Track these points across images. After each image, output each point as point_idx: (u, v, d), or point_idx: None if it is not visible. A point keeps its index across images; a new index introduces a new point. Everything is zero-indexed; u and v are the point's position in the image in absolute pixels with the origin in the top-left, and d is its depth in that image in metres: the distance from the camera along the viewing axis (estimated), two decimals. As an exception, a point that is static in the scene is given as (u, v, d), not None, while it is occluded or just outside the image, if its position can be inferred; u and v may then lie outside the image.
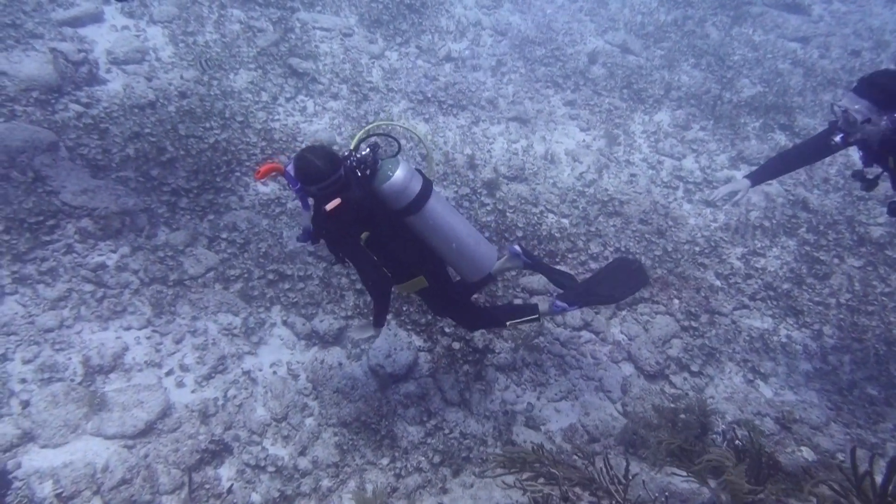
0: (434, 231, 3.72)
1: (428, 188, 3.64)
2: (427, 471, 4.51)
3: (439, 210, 3.69)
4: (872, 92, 3.56)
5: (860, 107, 3.59)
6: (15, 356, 4.75)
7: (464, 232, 3.80)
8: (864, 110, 3.59)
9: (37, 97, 6.76)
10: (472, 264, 3.90)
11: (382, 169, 3.57)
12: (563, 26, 11.37)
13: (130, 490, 4.08)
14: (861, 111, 3.59)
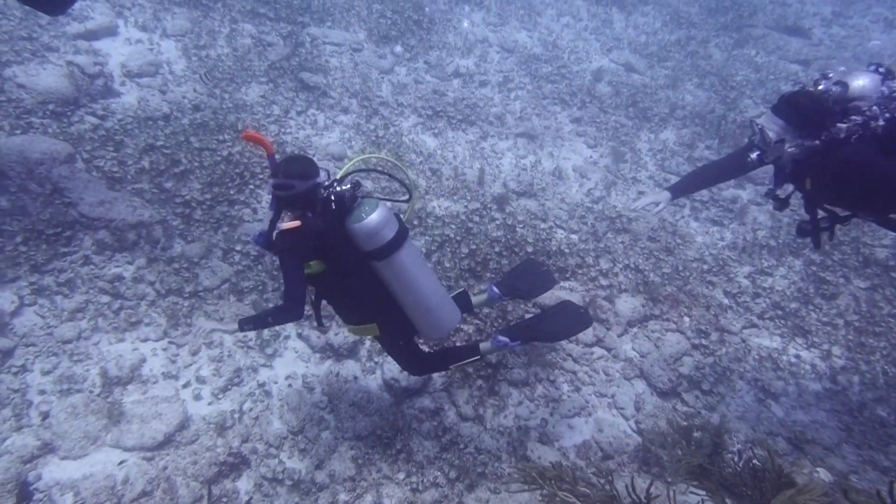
0: (398, 282, 3.65)
1: (401, 237, 3.57)
2: (443, 486, 4.55)
3: (408, 263, 3.61)
4: (789, 112, 3.55)
5: (776, 127, 3.59)
6: (34, 367, 4.77)
7: (429, 289, 3.72)
8: (778, 130, 3.58)
9: (53, 109, 6.82)
10: (431, 324, 3.82)
11: (360, 207, 3.50)
12: (569, 44, 11.53)
13: (151, 502, 4.09)
14: (776, 131, 3.59)
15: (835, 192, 3.70)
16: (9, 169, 5.85)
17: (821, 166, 3.57)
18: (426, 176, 7.78)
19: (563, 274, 6.51)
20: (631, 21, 12.69)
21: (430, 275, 3.78)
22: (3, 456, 4.18)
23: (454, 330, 4.35)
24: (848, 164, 3.47)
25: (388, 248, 3.52)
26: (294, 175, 3.43)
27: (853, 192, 3.64)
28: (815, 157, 3.57)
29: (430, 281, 3.74)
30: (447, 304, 3.87)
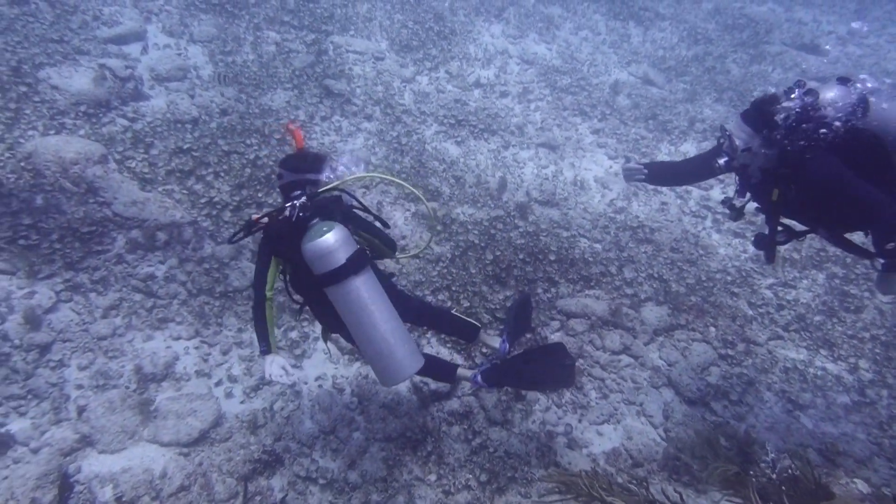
0: (348, 314, 3.36)
1: (357, 265, 3.29)
2: (475, 489, 4.56)
3: (360, 295, 3.31)
4: (757, 120, 3.44)
5: (743, 134, 3.49)
6: (71, 362, 4.82)
7: (384, 329, 3.36)
8: (746, 138, 3.48)
9: (85, 111, 6.92)
10: (381, 369, 3.46)
11: (317, 226, 3.33)
12: (588, 57, 11.64)
13: (189, 497, 4.12)
14: (743, 139, 3.49)
15: (799, 205, 3.61)
16: (44, 168, 5.93)
17: (789, 178, 3.49)
18: (449, 183, 7.84)
19: (588, 283, 6.55)
20: (648, 36, 12.79)
21: (390, 314, 3.42)
22: (44, 448, 4.22)
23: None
24: (816, 179, 3.40)
25: (336, 274, 3.25)
26: (286, 164, 3.61)
27: (817, 208, 3.54)
28: (783, 168, 3.48)
29: (387, 320, 3.38)
30: (406, 349, 3.44)
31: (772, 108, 3.40)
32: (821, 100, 3.40)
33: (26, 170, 5.88)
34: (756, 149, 3.47)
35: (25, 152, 6.00)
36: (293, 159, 3.63)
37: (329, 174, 3.62)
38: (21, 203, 5.56)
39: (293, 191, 3.54)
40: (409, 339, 3.53)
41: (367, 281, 3.37)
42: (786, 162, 3.46)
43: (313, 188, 3.60)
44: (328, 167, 3.64)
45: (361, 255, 3.38)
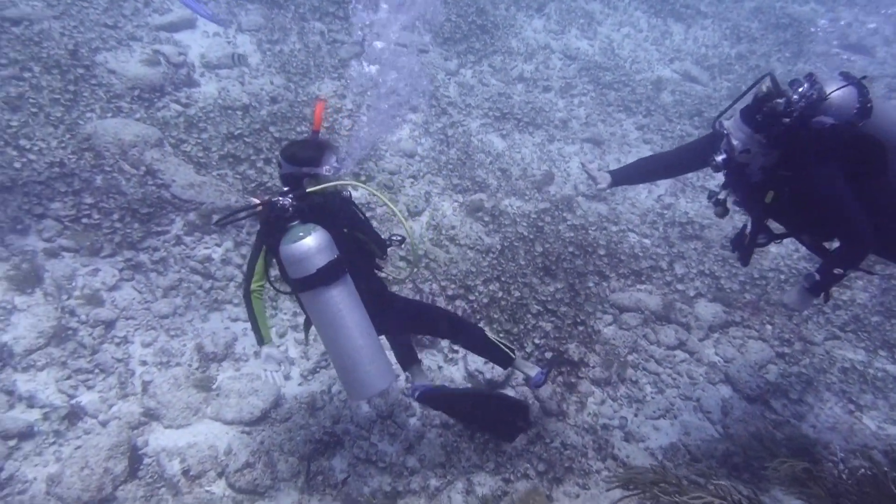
0: (316, 322, 3.29)
1: (330, 276, 3.12)
2: (533, 478, 4.54)
3: (332, 307, 3.18)
4: (757, 122, 3.22)
5: (742, 135, 3.28)
6: (135, 339, 4.88)
7: (350, 343, 3.24)
8: (744, 139, 3.27)
9: (140, 95, 7.01)
10: (346, 380, 3.38)
11: (295, 230, 3.16)
12: (630, 54, 11.54)
13: (253, 474, 4.15)
14: (742, 139, 3.28)
15: (790, 209, 3.46)
16: (104, 149, 6.01)
17: (788, 181, 3.34)
18: (496, 175, 7.82)
19: (639, 277, 6.49)
20: (690, 34, 12.65)
21: (360, 329, 3.27)
22: (112, 421, 4.27)
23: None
24: (814, 187, 3.26)
25: (306, 282, 3.12)
26: (284, 152, 3.33)
27: (807, 214, 3.42)
28: (784, 170, 3.33)
29: (355, 336, 3.24)
30: (373, 367, 3.31)
31: (775, 107, 3.16)
32: (828, 98, 3.26)
33: (86, 151, 5.96)
34: (756, 149, 3.30)
35: (85, 134, 6.09)
36: (293, 147, 3.33)
37: (330, 167, 3.29)
38: (82, 182, 5.65)
39: (291, 184, 3.31)
40: (380, 356, 3.36)
41: (341, 293, 3.18)
42: (788, 164, 3.31)
43: (312, 182, 3.29)
44: (330, 159, 3.32)
45: (336, 266, 3.15)
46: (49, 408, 4.23)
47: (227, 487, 4.13)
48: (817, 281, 3.40)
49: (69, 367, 4.53)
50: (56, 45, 6.93)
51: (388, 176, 7.22)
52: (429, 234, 6.67)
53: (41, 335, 4.55)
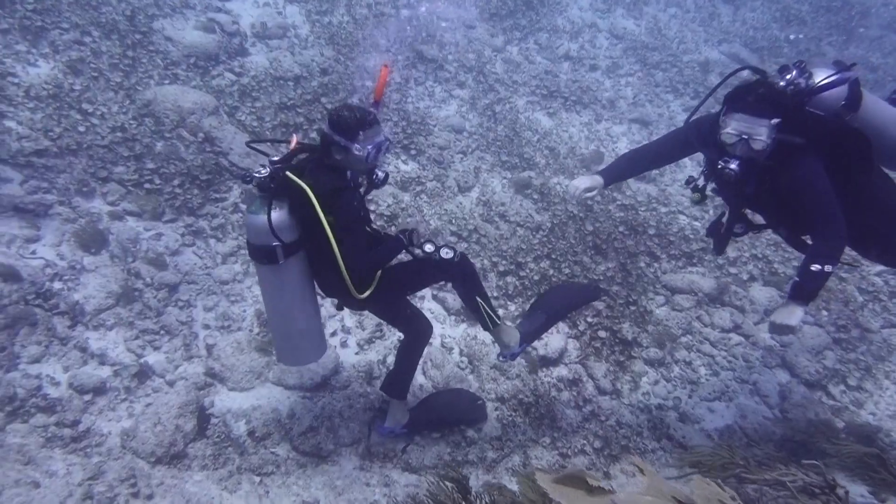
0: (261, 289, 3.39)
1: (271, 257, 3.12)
2: (590, 454, 4.55)
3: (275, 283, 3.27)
4: (773, 106, 3.03)
5: (764, 129, 3.03)
6: (197, 303, 4.96)
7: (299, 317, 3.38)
8: (768, 132, 3.03)
9: (195, 63, 7.04)
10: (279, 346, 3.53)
11: (259, 202, 3.15)
12: (676, 34, 11.32)
13: (316, 439, 4.22)
14: (766, 133, 3.04)
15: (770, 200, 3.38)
16: (163, 116, 6.07)
17: (771, 172, 3.22)
18: (543, 154, 7.76)
19: (690, 259, 6.43)
20: (739, 15, 12.36)
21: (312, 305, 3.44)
22: (179, 382, 4.36)
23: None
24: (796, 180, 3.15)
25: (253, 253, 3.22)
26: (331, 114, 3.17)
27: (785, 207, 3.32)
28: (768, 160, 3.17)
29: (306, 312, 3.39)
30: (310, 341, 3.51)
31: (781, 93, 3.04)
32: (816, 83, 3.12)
33: (146, 116, 6.01)
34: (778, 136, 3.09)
35: (145, 100, 6.14)
36: (345, 110, 3.11)
37: (363, 148, 3.08)
38: (143, 148, 5.71)
39: (322, 143, 3.17)
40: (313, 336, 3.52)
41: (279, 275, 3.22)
42: (773, 155, 3.14)
43: (345, 156, 3.12)
44: (370, 139, 3.11)
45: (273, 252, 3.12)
46: (119, 365, 4.33)
47: (291, 450, 4.20)
48: (798, 284, 3.12)
49: (136, 327, 4.62)
50: (114, 11, 6.97)
51: (437, 151, 7.19)
52: (479, 209, 6.66)
53: (110, 295, 4.64)
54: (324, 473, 4.09)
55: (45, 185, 5.17)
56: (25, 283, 4.39)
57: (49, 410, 3.94)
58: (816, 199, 3.11)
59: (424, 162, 7.04)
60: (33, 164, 5.22)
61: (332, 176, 3.15)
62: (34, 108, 5.66)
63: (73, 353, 4.31)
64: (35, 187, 5.10)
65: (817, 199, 3.11)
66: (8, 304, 4.19)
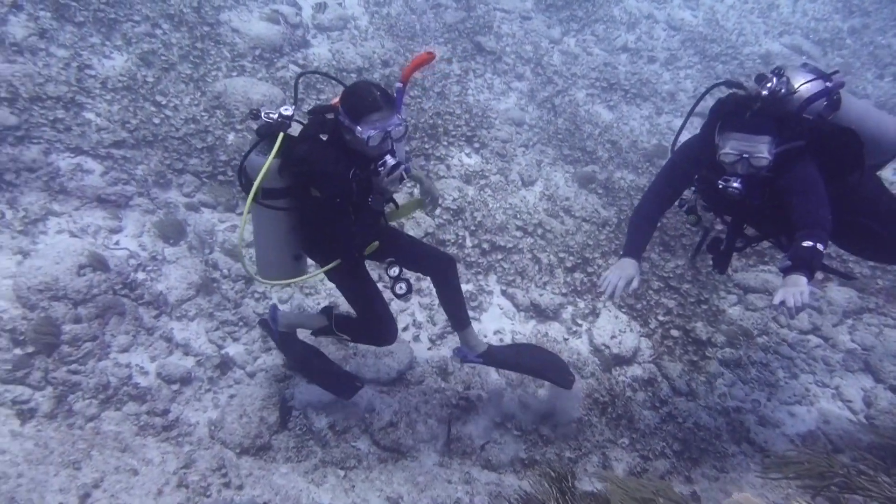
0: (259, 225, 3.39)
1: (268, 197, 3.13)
2: (671, 457, 4.47)
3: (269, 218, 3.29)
4: (772, 123, 2.98)
5: (764, 146, 2.98)
6: (272, 295, 4.99)
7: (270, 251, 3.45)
8: (770, 148, 2.99)
9: (261, 55, 7.07)
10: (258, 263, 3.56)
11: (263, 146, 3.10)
12: (735, 25, 11.04)
13: (396, 434, 4.22)
14: (767, 150, 2.98)
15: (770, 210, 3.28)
16: (234, 108, 6.11)
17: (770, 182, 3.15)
18: (605, 147, 7.63)
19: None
20: (799, 6, 12.01)
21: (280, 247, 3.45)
22: (259, 373, 4.40)
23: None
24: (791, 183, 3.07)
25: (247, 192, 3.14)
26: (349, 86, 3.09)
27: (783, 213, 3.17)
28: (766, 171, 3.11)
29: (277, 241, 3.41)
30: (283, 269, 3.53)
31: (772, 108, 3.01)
32: (797, 92, 3.07)
33: (217, 108, 6.07)
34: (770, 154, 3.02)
35: (216, 92, 6.20)
36: (361, 88, 2.97)
37: (366, 133, 2.90)
38: (216, 139, 5.76)
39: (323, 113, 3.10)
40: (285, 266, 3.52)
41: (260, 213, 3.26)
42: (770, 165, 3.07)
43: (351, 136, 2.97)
44: (374, 125, 2.91)
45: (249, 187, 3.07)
46: (202, 356, 4.38)
47: (371, 444, 4.21)
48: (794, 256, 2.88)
49: (216, 318, 4.67)
50: (181, 2, 7.03)
51: (500, 144, 7.12)
52: (543, 204, 6.58)
53: (190, 286, 4.70)
54: (405, 469, 4.09)
55: (125, 176, 5.24)
56: (112, 274, 4.46)
57: (140, 399, 4.01)
58: (807, 193, 3.03)
59: (488, 155, 6.97)
60: (112, 156, 5.31)
61: (323, 151, 3.02)
62: (111, 99, 5.75)
63: (159, 342, 4.38)
64: (115, 178, 5.18)
65: (808, 193, 3.03)
66: (98, 293, 4.27)
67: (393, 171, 3.05)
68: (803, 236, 2.88)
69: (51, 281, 4.10)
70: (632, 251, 3.52)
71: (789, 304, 2.69)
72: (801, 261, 2.81)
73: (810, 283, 2.79)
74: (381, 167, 3.04)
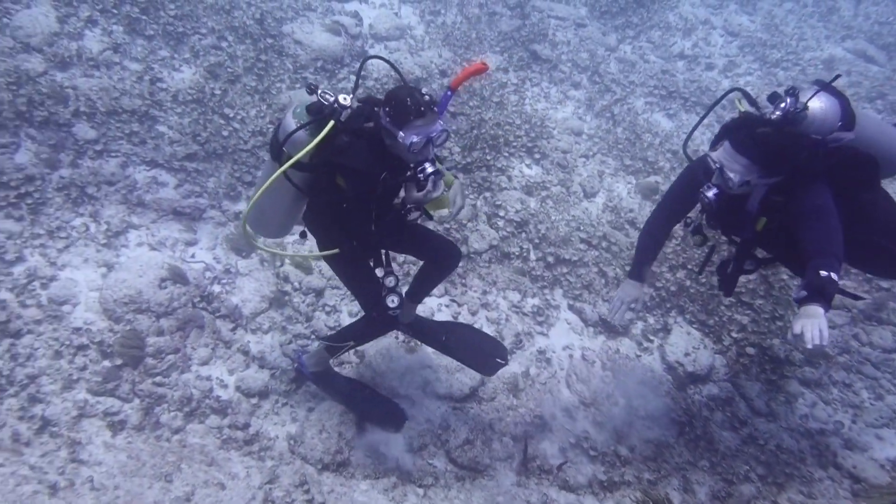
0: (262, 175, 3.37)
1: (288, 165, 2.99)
2: (755, 481, 4.32)
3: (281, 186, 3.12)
4: (756, 150, 2.88)
5: (739, 166, 2.91)
6: (342, 308, 4.99)
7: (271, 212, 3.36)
8: (742, 170, 2.91)
9: (323, 66, 7.12)
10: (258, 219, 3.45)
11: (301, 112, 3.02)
12: (794, 30, 10.74)
13: (473, 452, 4.17)
14: (739, 171, 2.91)
15: (782, 235, 3.15)
16: (299, 119, 6.14)
17: (780, 207, 3.04)
18: (667, 157, 7.48)
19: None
20: (861, 9, 11.64)
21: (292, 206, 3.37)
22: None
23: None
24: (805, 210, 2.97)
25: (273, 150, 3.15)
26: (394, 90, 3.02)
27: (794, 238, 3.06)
28: (775, 195, 3.02)
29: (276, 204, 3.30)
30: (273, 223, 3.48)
31: (774, 139, 2.88)
32: (810, 112, 2.94)
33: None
34: (756, 180, 2.95)
35: (281, 104, 6.25)
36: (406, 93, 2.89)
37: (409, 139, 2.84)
38: (283, 152, 5.79)
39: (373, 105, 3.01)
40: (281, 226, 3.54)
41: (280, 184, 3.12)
42: (780, 189, 3.00)
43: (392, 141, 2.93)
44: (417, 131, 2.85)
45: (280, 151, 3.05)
46: (277, 369, 4.40)
47: (448, 462, 4.17)
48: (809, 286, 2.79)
49: (289, 331, 4.69)
50: (244, 14, 7.13)
51: (561, 155, 7.04)
52: (606, 215, 6.47)
53: (263, 299, 4.74)
54: (483, 488, 4.04)
55: (197, 188, 5.32)
56: (191, 287, 4.52)
57: (221, 412, 4.04)
58: (820, 220, 2.95)
59: (548, 166, 6.90)
60: (186, 168, 5.39)
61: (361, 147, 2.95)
62: (182, 112, 5.84)
63: (237, 356, 4.41)
64: (189, 191, 5.26)
65: (821, 220, 2.95)
66: (178, 306, 4.32)
67: (433, 180, 3.01)
68: (817, 265, 2.80)
69: (135, 294, 4.17)
70: (635, 274, 3.67)
71: (807, 337, 2.62)
72: (816, 291, 2.74)
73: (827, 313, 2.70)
74: (421, 173, 2.99)
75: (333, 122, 2.86)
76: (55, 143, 5.01)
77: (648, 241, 3.69)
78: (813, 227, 2.94)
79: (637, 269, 3.68)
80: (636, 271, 3.67)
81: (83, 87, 5.47)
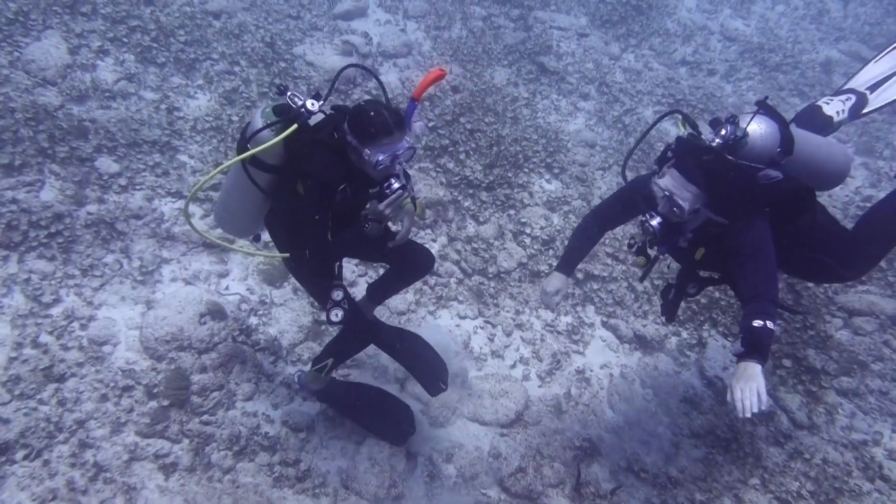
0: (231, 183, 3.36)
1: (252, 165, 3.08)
2: (807, 498, 4.31)
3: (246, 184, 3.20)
4: (704, 177, 2.87)
5: (689, 194, 2.88)
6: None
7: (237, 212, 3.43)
8: (692, 199, 2.89)
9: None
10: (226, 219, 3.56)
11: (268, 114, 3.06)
12: (788, 33, 10.88)
13: (526, 480, 4.12)
14: (690, 200, 2.88)
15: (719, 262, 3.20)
16: (318, 142, 6.08)
17: (717, 238, 3.04)
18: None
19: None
20: (850, 10, 11.83)
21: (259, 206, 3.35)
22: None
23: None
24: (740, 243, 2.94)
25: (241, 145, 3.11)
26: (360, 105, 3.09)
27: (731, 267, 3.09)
28: (712, 226, 3.02)
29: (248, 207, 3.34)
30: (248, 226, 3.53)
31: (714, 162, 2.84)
32: (749, 139, 2.87)
33: (302, 144, 6.04)
34: (703, 209, 2.94)
35: (299, 127, 6.17)
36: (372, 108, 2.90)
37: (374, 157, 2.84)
38: (306, 177, 5.72)
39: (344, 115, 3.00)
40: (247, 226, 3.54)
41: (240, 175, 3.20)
42: (715, 221, 2.98)
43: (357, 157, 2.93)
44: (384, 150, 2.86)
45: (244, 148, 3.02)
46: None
47: (501, 491, 4.12)
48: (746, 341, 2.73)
49: (327, 355, 4.61)
50: (253, 38, 7.06)
51: (579, 168, 7.03)
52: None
53: (301, 329, 4.66)
54: (539, 517, 3.99)
55: (224, 218, 5.22)
56: (230, 321, 4.43)
57: (270, 449, 3.96)
58: (756, 259, 2.91)
59: (567, 180, 6.89)
60: (210, 198, 5.30)
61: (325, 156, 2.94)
62: (201, 141, 5.76)
63: (280, 389, 4.33)
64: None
65: (757, 258, 2.91)
66: (219, 341, 4.24)
67: (396, 196, 3.00)
68: (752, 313, 2.75)
69: (176, 331, 4.08)
70: (565, 269, 3.67)
71: (738, 407, 2.56)
72: (753, 346, 2.68)
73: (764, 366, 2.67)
74: (388, 189, 3.00)
75: (297, 124, 2.87)
76: (79, 178, 4.90)
77: (583, 241, 3.70)
78: (749, 266, 2.90)
79: (566, 265, 3.69)
80: (566, 267, 3.68)
81: (101, 120, 5.36)
